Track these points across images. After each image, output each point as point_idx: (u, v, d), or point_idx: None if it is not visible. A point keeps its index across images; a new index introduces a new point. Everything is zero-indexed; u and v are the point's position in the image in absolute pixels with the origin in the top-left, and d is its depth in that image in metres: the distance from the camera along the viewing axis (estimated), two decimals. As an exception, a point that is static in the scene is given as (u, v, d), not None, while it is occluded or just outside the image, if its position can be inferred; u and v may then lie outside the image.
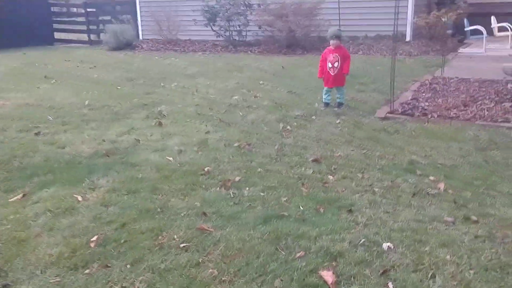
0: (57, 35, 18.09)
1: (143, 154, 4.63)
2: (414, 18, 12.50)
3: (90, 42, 16.95)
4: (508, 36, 11.35)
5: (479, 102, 5.97)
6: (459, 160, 4.21)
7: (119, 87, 8.17)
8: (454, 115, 5.53)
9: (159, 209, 3.37)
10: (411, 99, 6.44)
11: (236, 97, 7.20)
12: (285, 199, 3.51)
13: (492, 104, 5.83)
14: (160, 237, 2.97)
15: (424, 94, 6.67)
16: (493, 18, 11.54)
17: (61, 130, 5.52)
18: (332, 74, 6.13)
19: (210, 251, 2.80)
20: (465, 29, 11.60)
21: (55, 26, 17.96)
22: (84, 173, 4.11)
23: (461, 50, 11.41)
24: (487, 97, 6.23)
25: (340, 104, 6.26)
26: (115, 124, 5.79)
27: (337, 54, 6.06)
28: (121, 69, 10.32)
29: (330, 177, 3.92)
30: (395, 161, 4.26)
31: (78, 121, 5.91)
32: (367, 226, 3.05)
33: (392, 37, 11.29)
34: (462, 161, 4.20)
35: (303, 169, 4.13)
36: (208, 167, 4.18)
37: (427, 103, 6.10)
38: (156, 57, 12.41)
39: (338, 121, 5.59)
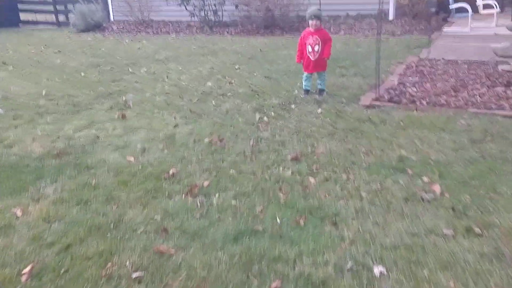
0: (23, 16, 17.14)
1: (102, 153, 4.11)
2: (396, -4, 12.04)
3: (58, 24, 16.08)
4: (493, 14, 10.96)
5: (470, 87, 5.55)
6: (453, 155, 3.79)
7: (83, 74, 7.55)
8: (444, 102, 5.10)
9: (112, 225, 2.88)
10: (397, 84, 5.99)
11: (209, 83, 6.67)
12: (260, 208, 3.05)
13: (484, 89, 5.42)
14: (109, 264, 2.48)
15: (410, 78, 6.23)
16: (478, -5, 11.12)
17: (12, 125, 4.95)
18: (312, 58, 5.63)
19: (168, 282, 2.34)
20: (450, 6, 11.17)
21: (21, 6, 16.97)
22: (30, 179, 3.59)
23: (445, 29, 10.99)
24: (478, 81, 5.82)
25: (321, 91, 5.78)
26: (74, 117, 5.23)
27: (317, 37, 5.55)
28: (88, 53, 9.64)
29: (311, 179, 3.47)
30: (383, 157, 3.82)
31: (33, 114, 5.34)
32: (354, 243, 2.61)
33: (377, 16, 10.88)
34: (456, 156, 3.78)
35: (280, 169, 3.66)
36: (173, 169, 3.69)
37: (414, 89, 5.66)
38: (127, 40, 11.72)
39: (319, 111, 5.12)
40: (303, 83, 5.84)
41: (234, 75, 7.15)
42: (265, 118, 4.93)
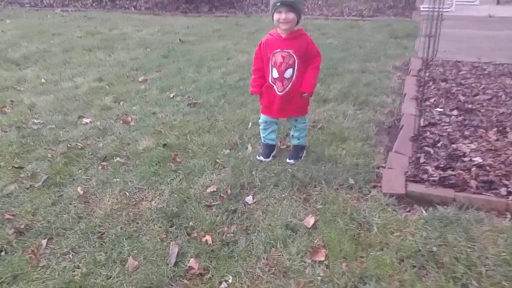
0: None
1: None
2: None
3: None
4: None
5: None
6: None
7: None
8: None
9: None
10: (425, 126, 3.34)
11: (86, 121, 3.64)
12: None
13: None
14: None
15: (442, 110, 3.60)
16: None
17: None
18: (280, 92, 2.77)
19: None
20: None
21: None
22: None
23: (422, 6, 8.52)
24: None
25: (298, 150, 2.98)
26: None
27: (290, 52, 2.67)
28: None
29: None
30: None
31: None
32: None
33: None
34: None
35: None
36: None
37: (470, 143, 3.02)
38: (-16, 18, 8.08)
39: (311, 222, 2.33)
40: (262, 134, 3.02)
41: (135, 98, 4.13)
42: (193, 263, 2.06)
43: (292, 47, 2.67)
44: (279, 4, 2.57)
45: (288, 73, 2.71)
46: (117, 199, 2.54)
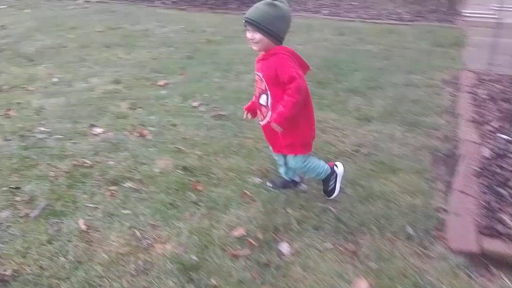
0: None
1: None
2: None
3: None
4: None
5: None
6: None
7: None
8: None
9: None
10: (491, 158, 2.83)
11: (99, 130, 3.23)
12: None
13: None
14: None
15: (510, 139, 3.07)
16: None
17: None
18: (261, 121, 2.33)
19: None
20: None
21: None
22: None
23: (467, 12, 7.89)
24: None
25: (323, 184, 2.46)
26: None
27: (260, 75, 2.20)
28: None
29: None
30: None
31: None
32: None
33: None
34: None
35: None
36: None
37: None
38: (5, 6, 7.77)
39: (361, 285, 1.86)
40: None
41: (154, 105, 3.70)
42: None
43: (262, 70, 2.19)
44: (244, 22, 2.13)
45: (263, 99, 2.25)
46: (125, 239, 2.11)
